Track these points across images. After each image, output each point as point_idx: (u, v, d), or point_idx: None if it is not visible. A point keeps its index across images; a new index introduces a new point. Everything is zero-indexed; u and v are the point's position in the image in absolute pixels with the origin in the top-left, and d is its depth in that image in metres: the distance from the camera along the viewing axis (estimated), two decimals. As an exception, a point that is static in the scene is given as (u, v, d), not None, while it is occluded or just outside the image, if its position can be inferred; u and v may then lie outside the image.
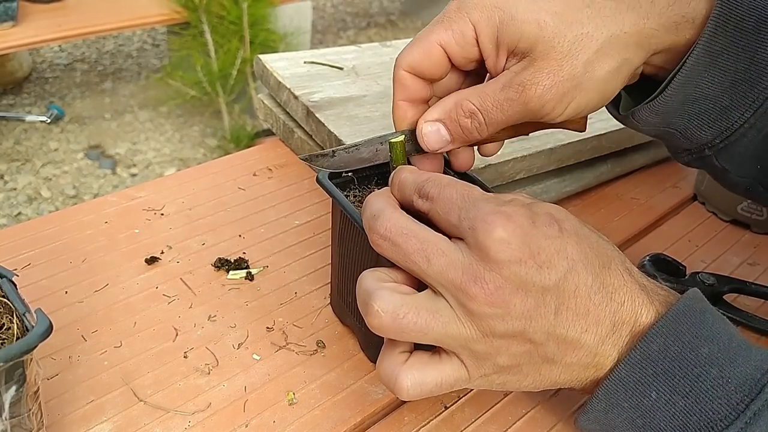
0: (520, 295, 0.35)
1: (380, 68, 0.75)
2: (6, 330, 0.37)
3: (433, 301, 0.37)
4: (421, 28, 2.56)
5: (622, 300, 0.37)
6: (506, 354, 0.37)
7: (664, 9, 0.42)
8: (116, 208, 0.62)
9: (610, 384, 0.37)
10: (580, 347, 0.37)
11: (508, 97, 0.42)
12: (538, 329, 0.36)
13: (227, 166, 0.70)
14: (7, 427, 0.36)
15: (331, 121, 0.63)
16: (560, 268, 0.36)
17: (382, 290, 0.37)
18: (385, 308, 0.36)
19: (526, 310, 0.36)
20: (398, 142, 0.44)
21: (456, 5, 0.43)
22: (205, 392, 0.46)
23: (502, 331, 0.36)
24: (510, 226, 0.36)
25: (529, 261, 0.36)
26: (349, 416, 0.45)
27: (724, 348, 0.36)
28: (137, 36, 3.33)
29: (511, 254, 0.35)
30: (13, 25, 2.28)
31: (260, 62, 0.72)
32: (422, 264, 0.37)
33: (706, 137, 0.46)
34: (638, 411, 0.36)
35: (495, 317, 0.36)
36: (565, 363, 0.38)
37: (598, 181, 0.72)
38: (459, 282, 0.36)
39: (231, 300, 0.54)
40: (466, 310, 0.36)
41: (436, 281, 0.36)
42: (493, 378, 0.38)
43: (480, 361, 0.37)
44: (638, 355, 0.36)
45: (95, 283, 0.54)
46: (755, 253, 0.65)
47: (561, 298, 0.36)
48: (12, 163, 2.40)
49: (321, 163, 0.45)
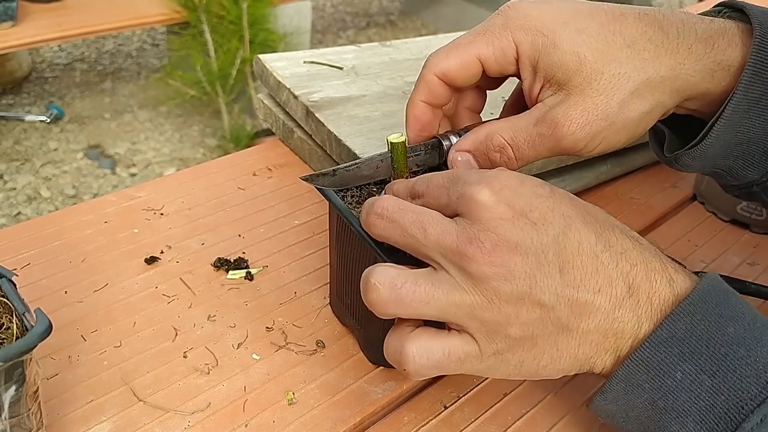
0: (518, 253, 0.35)
1: (380, 68, 0.75)
2: (5, 330, 0.37)
3: (433, 274, 0.36)
4: (420, 28, 2.56)
5: (633, 262, 0.36)
6: (517, 323, 0.35)
7: (701, 56, 0.42)
8: (116, 208, 0.62)
9: (632, 363, 0.35)
10: (595, 310, 0.35)
11: (540, 132, 0.42)
12: (546, 289, 0.35)
13: (227, 165, 0.70)
14: (7, 426, 0.36)
15: (331, 120, 0.63)
16: (556, 225, 0.35)
17: (379, 266, 0.37)
18: (382, 280, 0.36)
19: (528, 269, 0.35)
20: (399, 142, 0.44)
21: (501, 21, 0.43)
22: (205, 392, 0.46)
23: (507, 293, 0.34)
24: (497, 185, 0.36)
25: (521, 218, 0.35)
26: (349, 416, 0.45)
27: (750, 327, 0.35)
28: (137, 36, 3.33)
29: (502, 212, 0.35)
30: (13, 25, 2.27)
31: (260, 62, 0.72)
32: (419, 235, 0.36)
33: (753, 176, 0.46)
34: (661, 392, 0.35)
35: (497, 278, 0.34)
36: (581, 330, 0.36)
37: (597, 180, 0.72)
38: (455, 246, 0.35)
39: (230, 300, 0.54)
40: (467, 274, 0.35)
41: (434, 251, 0.36)
42: (508, 357, 0.36)
43: (491, 333, 0.36)
44: (664, 334, 0.35)
45: (95, 282, 0.54)
46: (755, 253, 0.65)
47: (563, 255, 0.35)
48: (11, 162, 2.40)
49: (322, 182, 0.45)
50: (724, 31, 0.43)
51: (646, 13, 0.43)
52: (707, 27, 0.43)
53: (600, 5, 0.43)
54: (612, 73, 0.41)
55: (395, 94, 0.70)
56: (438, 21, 3.80)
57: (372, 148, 0.59)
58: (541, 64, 0.42)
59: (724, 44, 0.43)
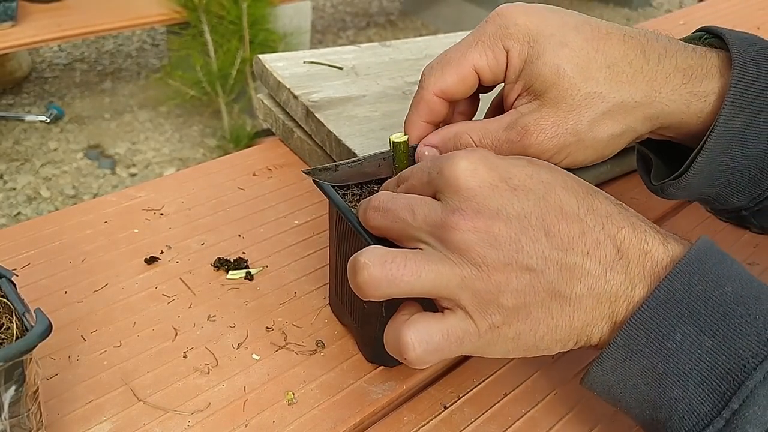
0: (501, 219, 0.35)
1: (380, 68, 0.75)
2: (5, 330, 0.37)
3: (422, 252, 0.36)
4: (420, 28, 2.56)
5: (620, 224, 0.36)
6: (508, 290, 0.35)
7: (678, 86, 0.42)
8: (116, 208, 0.62)
9: (630, 328, 0.35)
10: (585, 274, 0.35)
11: (509, 138, 0.42)
12: (533, 253, 0.35)
13: (227, 166, 0.70)
14: (7, 426, 0.36)
15: (331, 120, 0.63)
16: (536, 190, 0.36)
17: (368, 247, 0.37)
18: (371, 258, 0.36)
19: (512, 234, 0.35)
20: (402, 141, 0.44)
21: (493, 30, 0.43)
22: (205, 392, 0.46)
23: (494, 260, 0.35)
24: (474, 156, 0.36)
25: (501, 185, 0.35)
26: (349, 416, 0.45)
27: (747, 286, 0.35)
28: (137, 36, 3.33)
29: (480, 180, 0.35)
30: (13, 25, 2.27)
31: (260, 62, 0.72)
32: (408, 217, 0.37)
33: (741, 203, 0.47)
34: (660, 356, 0.34)
35: (482, 244, 0.35)
36: (574, 296, 0.35)
37: (597, 181, 0.72)
38: (440, 220, 0.36)
39: (230, 300, 0.54)
40: (453, 245, 0.35)
41: (422, 231, 0.36)
42: (504, 331, 0.36)
43: (484, 305, 0.35)
44: (662, 296, 0.34)
45: (95, 282, 0.54)
46: (755, 253, 0.65)
47: (546, 218, 0.35)
48: (11, 162, 2.40)
49: (324, 176, 0.45)
50: (703, 61, 0.43)
51: (632, 36, 0.43)
52: (688, 56, 0.43)
53: (588, 20, 0.44)
54: (588, 90, 0.41)
55: (395, 94, 0.70)
56: (438, 21, 3.80)
57: (372, 148, 0.59)
58: (523, 73, 0.42)
59: (701, 75, 0.43)
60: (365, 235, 0.41)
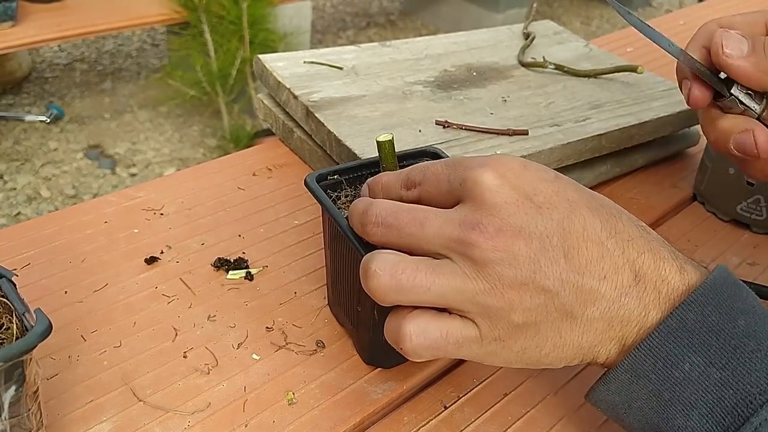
0: (522, 238, 0.34)
1: (380, 68, 0.75)
2: (5, 330, 0.36)
3: (435, 262, 0.36)
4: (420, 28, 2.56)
5: (640, 249, 0.36)
6: (520, 309, 0.34)
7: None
8: (116, 208, 0.62)
9: (639, 353, 0.35)
10: (600, 298, 0.35)
11: None
12: (550, 275, 0.34)
13: (227, 165, 0.70)
14: (7, 427, 0.36)
15: (331, 120, 0.63)
16: (561, 209, 0.35)
17: (380, 253, 0.36)
18: (382, 267, 0.35)
19: (532, 254, 0.34)
20: (387, 141, 0.44)
21: None
22: (205, 392, 0.46)
23: (511, 279, 0.34)
24: (501, 169, 0.35)
25: (526, 202, 0.35)
26: (349, 416, 0.45)
27: (761, 321, 0.35)
28: (137, 36, 3.33)
29: (505, 197, 0.35)
30: (13, 25, 2.27)
31: (260, 62, 0.72)
32: (417, 232, 0.36)
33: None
34: (667, 383, 0.34)
35: (501, 263, 0.34)
36: (585, 318, 0.35)
37: (597, 180, 0.72)
38: (457, 235, 0.35)
39: (230, 300, 0.54)
40: (470, 260, 0.34)
41: (435, 244, 0.35)
42: (509, 344, 0.36)
43: (493, 319, 0.35)
44: (674, 324, 0.34)
45: (95, 282, 0.54)
46: (755, 252, 0.65)
47: (568, 240, 0.35)
48: (11, 162, 2.40)
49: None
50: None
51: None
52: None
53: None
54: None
55: (395, 94, 0.70)
56: (438, 21, 3.80)
57: (372, 148, 0.59)
58: None
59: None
60: (357, 244, 0.41)
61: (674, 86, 0.79)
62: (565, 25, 3.85)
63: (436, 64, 0.78)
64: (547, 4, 4.20)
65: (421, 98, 0.70)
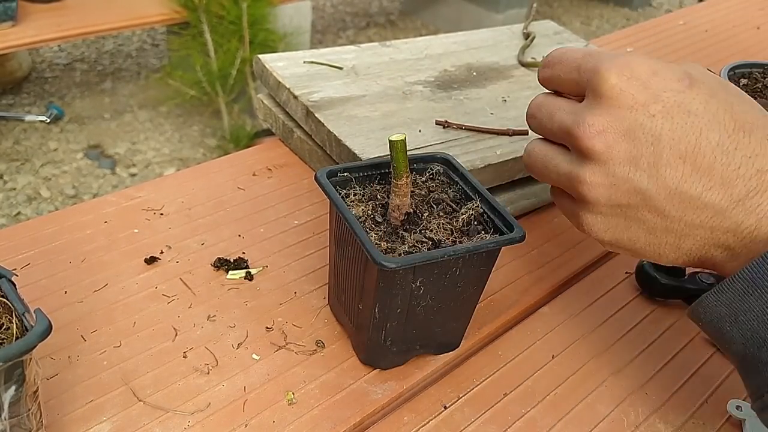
0: (627, 140, 0.36)
1: (380, 68, 0.75)
2: (5, 330, 0.36)
3: (562, 151, 0.41)
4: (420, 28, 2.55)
5: (762, 167, 0.35)
6: (608, 205, 0.38)
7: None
8: (116, 208, 0.62)
9: (762, 263, 0.34)
10: (702, 207, 0.36)
11: None
12: (644, 178, 0.36)
13: (227, 165, 0.70)
14: (7, 427, 0.36)
15: (331, 120, 0.63)
16: (676, 120, 0.36)
17: (537, 141, 0.44)
18: (529, 149, 0.44)
19: (632, 156, 0.36)
20: (399, 140, 0.44)
21: None
22: (205, 392, 0.46)
23: (603, 176, 0.37)
24: (627, 72, 0.37)
25: (641, 108, 0.36)
26: (349, 416, 0.45)
27: None
28: (137, 36, 3.33)
29: (622, 100, 0.36)
30: (13, 25, 2.27)
31: (259, 62, 0.72)
32: (548, 124, 0.41)
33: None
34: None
35: (598, 160, 0.37)
36: (684, 223, 0.36)
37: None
38: (568, 126, 0.38)
39: (230, 300, 0.54)
40: (577, 151, 0.38)
41: (558, 136, 0.40)
42: (604, 229, 0.39)
43: (585, 207, 0.39)
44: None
45: (95, 282, 0.54)
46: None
47: (674, 149, 0.36)
48: (11, 162, 2.40)
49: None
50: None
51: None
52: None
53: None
54: None
55: (395, 94, 0.70)
56: (438, 21, 3.80)
57: (372, 148, 0.59)
58: None
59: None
60: (362, 238, 0.41)
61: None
62: (565, 25, 3.85)
63: (436, 64, 0.78)
64: (547, 4, 4.20)
65: (421, 98, 0.70)
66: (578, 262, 0.61)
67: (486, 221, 0.46)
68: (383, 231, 0.45)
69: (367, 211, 0.46)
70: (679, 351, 0.53)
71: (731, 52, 1.09)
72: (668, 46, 1.09)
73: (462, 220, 0.46)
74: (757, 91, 0.69)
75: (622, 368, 0.51)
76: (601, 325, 0.55)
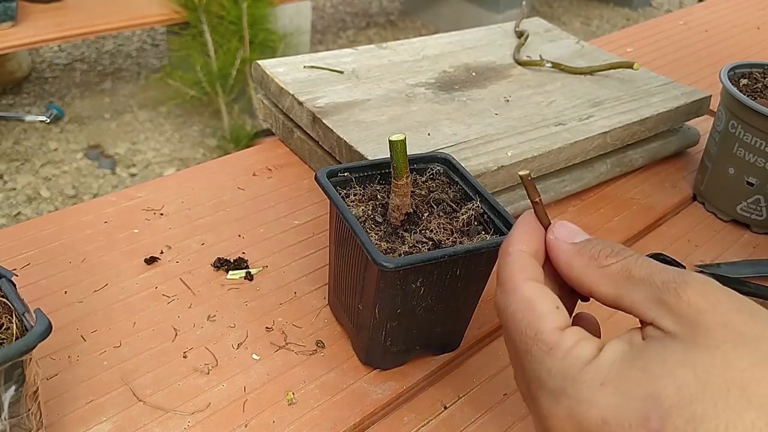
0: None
1: (380, 71, 0.75)
2: (5, 330, 0.36)
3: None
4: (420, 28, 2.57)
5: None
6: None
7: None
8: (116, 208, 0.62)
9: None
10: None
11: None
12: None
13: (227, 166, 0.70)
14: (7, 427, 0.36)
15: (339, 126, 0.63)
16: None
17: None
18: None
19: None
20: (399, 140, 0.44)
21: None
22: (205, 392, 0.46)
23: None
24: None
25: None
26: (349, 416, 0.45)
27: None
28: (137, 36, 3.33)
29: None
30: (13, 25, 2.27)
31: (259, 68, 0.72)
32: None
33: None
34: None
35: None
36: None
37: (597, 180, 0.72)
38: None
39: (230, 300, 0.54)
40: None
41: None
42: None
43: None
44: None
45: (94, 283, 0.54)
46: (755, 253, 0.65)
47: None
48: (11, 163, 2.40)
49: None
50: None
51: None
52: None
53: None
54: None
55: (399, 98, 0.70)
56: (438, 21, 3.80)
57: (384, 154, 0.59)
58: None
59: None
60: (362, 238, 0.41)
61: (670, 81, 0.79)
62: (565, 25, 3.85)
63: (435, 65, 0.78)
64: (547, 5, 4.20)
65: (425, 101, 0.70)
66: (578, 262, 0.61)
67: (486, 221, 0.46)
68: (383, 231, 0.45)
69: (368, 211, 0.46)
70: (679, 351, 0.53)
71: (731, 52, 1.09)
72: (668, 46, 1.09)
73: (462, 220, 0.46)
74: (757, 91, 0.69)
75: (622, 368, 0.51)
76: (601, 325, 0.55)
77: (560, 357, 0.30)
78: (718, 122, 0.69)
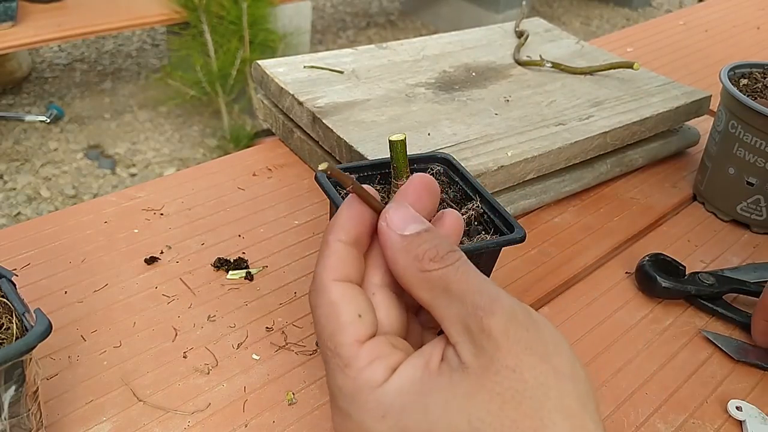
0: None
1: (380, 71, 0.75)
2: (5, 330, 0.36)
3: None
4: (420, 28, 2.57)
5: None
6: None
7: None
8: (115, 208, 0.62)
9: None
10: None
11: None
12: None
13: (227, 166, 0.70)
14: (7, 427, 0.36)
15: (339, 126, 0.63)
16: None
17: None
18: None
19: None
20: (399, 140, 0.44)
21: None
22: (205, 392, 0.46)
23: None
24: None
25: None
26: (349, 416, 0.45)
27: None
28: (137, 36, 3.33)
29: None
30: (13, 25, 2.27)
31: (259, 68, 0.72)
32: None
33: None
34: None
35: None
36: None
37: (597, 180, 0.72)
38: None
39: (230, 300, 0.54)
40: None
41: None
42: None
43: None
44: None
45: (95, 283, 0.54)
46: (755, 253, 0.65)
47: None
48: (11, 163, 2.40)
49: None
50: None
51: None
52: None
53: None
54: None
55: (398, 98, 0.70)
56: (438, 21, 3.80)
57: (384, 154, 0.59)
58: None
59: None
60: None
61: (669, 81, 0.79)
62: (565, 25, 3.85)
63: (435, 65, 0.78)
64: (547, 5, 4.20)
65: (425, 101, 0.70)
66: (578, 262, 0.61)
67: (486, 221, 0.46)
68: (383, 231, 0.45)
69: (367, 211, 0.46)
70: (679, 351, 0.53)
71: (731, 52, 1.09)
72: (668, 46, 1.09)
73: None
74: (757, 91, 0.69)
75: (622, 368, 0.51)
76: (601, 324, 0.55)
77: (352, 377, 0.30)
78: (718, 122, 0.69)
